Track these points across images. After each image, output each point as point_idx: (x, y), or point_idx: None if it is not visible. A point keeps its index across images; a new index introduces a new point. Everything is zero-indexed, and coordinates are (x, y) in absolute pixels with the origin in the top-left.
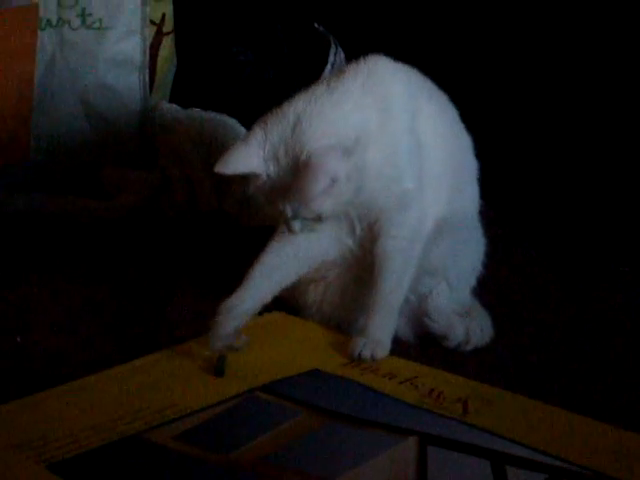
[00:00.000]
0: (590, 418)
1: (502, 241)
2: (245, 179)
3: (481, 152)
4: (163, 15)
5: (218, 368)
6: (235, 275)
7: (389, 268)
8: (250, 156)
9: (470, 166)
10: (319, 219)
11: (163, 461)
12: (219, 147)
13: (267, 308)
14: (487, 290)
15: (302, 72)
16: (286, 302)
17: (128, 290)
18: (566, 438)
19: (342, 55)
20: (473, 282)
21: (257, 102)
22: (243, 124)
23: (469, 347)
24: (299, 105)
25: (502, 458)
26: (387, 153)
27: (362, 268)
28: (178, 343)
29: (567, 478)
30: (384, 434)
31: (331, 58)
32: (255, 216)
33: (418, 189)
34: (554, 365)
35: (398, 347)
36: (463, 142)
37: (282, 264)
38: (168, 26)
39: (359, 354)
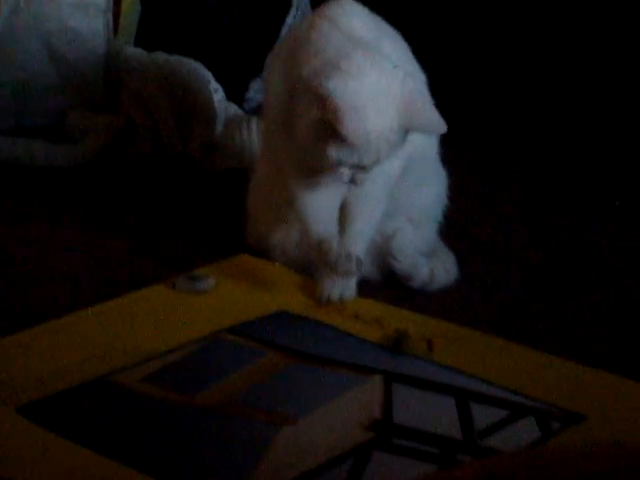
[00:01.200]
0: (552, 355)
1: (467, 181)
2: (208, 123)
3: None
4: None
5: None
6: (199, 217)
7: (363, 212)
8: None
9: None
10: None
11: (129, 403)
12: (184, 90)
13: (232, 250)
14: (452, 230)
15: (266, 15)
16: (251, 245)
17: (99, 233)
18: (529, 375)
19: None
20: (437, 222)
21: (221, 45)
22: (208, 67)
23: (434, 287)
24: None
25: (466, 395)
26: None
27: None
28: (145, 286)
29: (529, 414)
30: (350, 373)
31: (295, 1)
32: (219, 160)
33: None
34: (518, 304)
35: (364, 288)
36: (420, 78)
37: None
38: None
39: (328, 296)
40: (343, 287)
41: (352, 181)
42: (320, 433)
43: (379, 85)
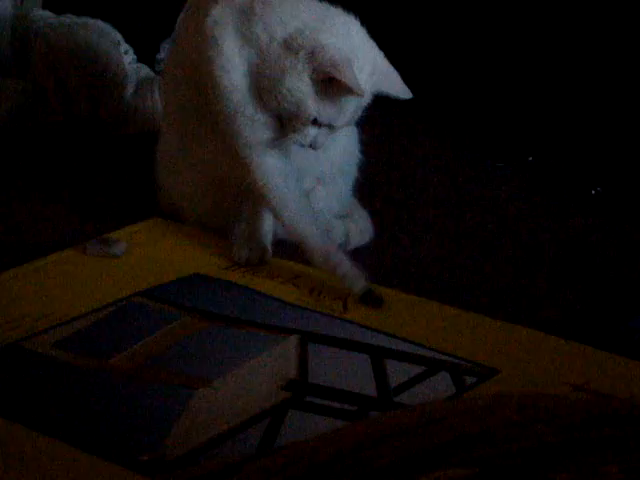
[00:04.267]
0: (466, 310)
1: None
2: (119, 85)
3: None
4: None
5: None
6: (110, 181)
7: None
8: None
9: None
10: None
11: (42, 368)
12: (93, 53)
13: (145, 214)
14: (368, 190)
15: None
16: (164, 208)
17: (7, 197)
18: (443, 331)
19: None
20: (351, 179)
21: (131, 6)
22: (118, 29)
23: (349, 248)
24: None
25: (381, 352)
26: None
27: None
28: (56, 251)
29: (444, 369)
30: (265, 334)
31: None
32: (131, 123)
33: None
34: (433, 262)
35: (279, 248)
36: None
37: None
38: None
39: (246, 259)
40: (260, 249)
41: (313, 144)
42: (236, 394)
43: (361, 45)
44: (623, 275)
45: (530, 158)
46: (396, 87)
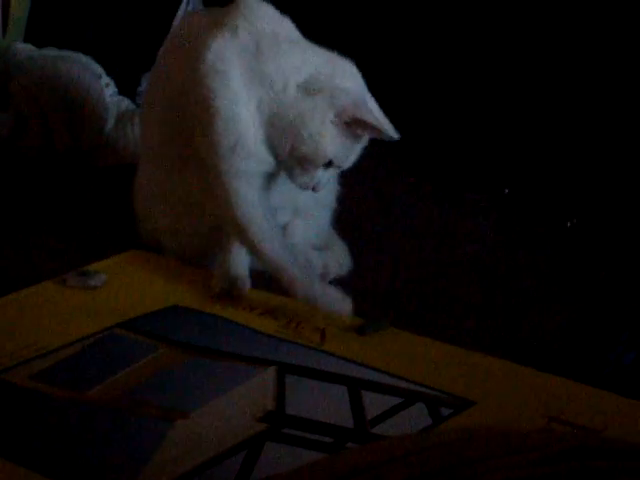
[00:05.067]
0: (443, 342)
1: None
2: (99, 118)
3: None
4: None
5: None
6: (90, 213)
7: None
8: None
9: None
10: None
11: (19, 401)
12: (74, 85)
13: (124, 246)
14: (345, 221)
15: (157, 8)
16: (143, 239)
17: None
18: (420, 362)
19: None
20: (329, 211)
21: (112, 39)
22: (99, 61)
23: (327, 279)
24: None
25: (358, 383)
26: None
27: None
28: (37, 283)
29: (420, 400)
30: (243, 365)
31: None
32: (111, 155)
33: None
34: (412, 294)
35: (257, 280)
36: None
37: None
38: None
39: (224, 289)
40: (237, 280)
41: (316, 186)
42: (213, 426)
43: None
44: (600, 307)
45: (506, 190)
46: (382, 130)
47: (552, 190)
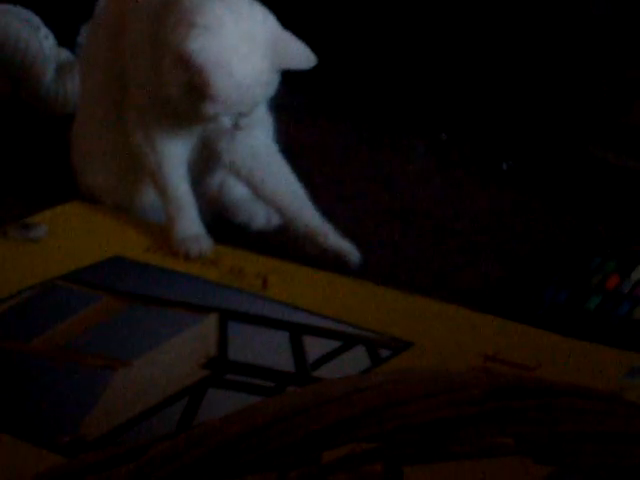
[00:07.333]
0: (382, 285)
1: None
2: (39, 70)
3: None
4: None
5: None
6: (30, 164)
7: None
8: None
9: None
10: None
11: None
12: (13, 38)
13: (66, 197)
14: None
15: None
16: (81, 191)
17: None
18: (359, 305)
19: None
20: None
21: None
22: (37, 13)
23: (272, 228)
24: None
25: (299, 328)
26: None
27: None
28: None
29: (359, 343)
30: (185, 313)
31: None
32: (52, 106)
33: None
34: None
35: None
36: None
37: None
38: None
39: (188, 252)
40: (199, 241)
41: (235, 127)
42: (155, 374)
43: (240, 31)
44: (536, 247)
45: (444, 135)
46: (297, 57)
47: (488, 134)
